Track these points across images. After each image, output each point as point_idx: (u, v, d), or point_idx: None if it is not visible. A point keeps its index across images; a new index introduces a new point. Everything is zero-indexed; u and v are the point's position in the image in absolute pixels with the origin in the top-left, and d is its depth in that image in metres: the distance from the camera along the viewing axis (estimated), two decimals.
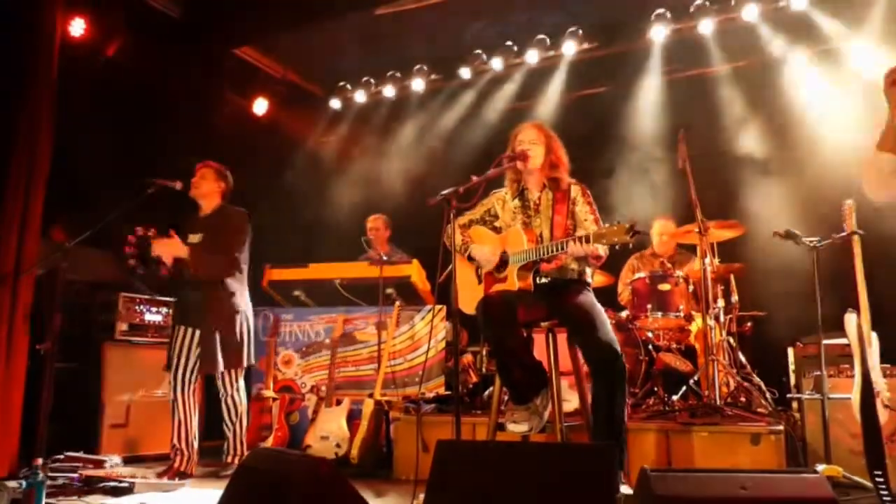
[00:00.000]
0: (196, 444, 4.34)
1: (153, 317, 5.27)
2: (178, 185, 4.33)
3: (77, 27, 5.39)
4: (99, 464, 4.24)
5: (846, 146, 4.94)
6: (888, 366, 3.90)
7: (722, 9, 5.63)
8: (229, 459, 4.39)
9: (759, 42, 5.72)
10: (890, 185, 2.62)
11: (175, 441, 4.26)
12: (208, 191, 4.44)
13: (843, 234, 3.79)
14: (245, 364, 4.38)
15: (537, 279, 3.39)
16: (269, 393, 5.11)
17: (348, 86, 7.10)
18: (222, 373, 4.29)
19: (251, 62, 6.77)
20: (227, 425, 4.41)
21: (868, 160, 2.68)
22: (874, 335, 3.64)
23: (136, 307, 5.21)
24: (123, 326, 5.11)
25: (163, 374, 4.49)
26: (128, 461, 4.66)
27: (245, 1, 5.78)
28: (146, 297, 5.27)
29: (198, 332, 4.23)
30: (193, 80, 6.15)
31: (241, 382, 4.43)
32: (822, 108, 5.48)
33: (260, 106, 6.88)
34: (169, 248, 4.17)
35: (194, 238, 4.33)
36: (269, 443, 4.85)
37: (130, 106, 5.81)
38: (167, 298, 5.15)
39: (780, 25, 5.63)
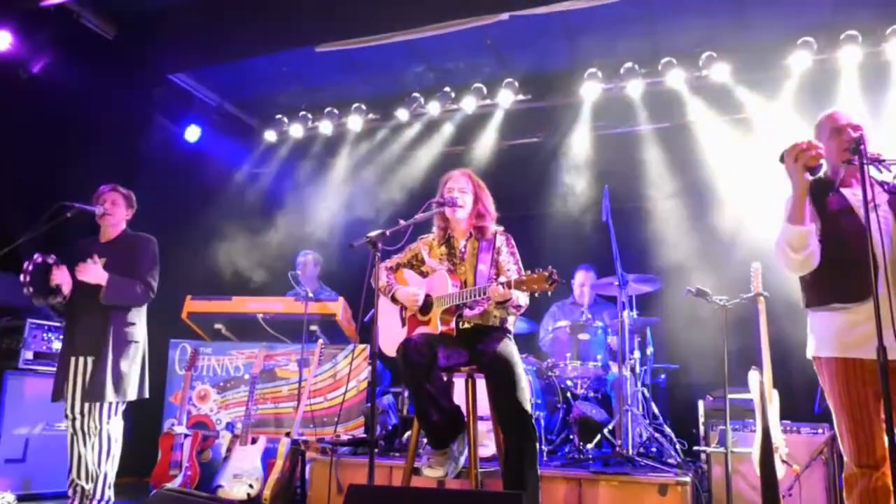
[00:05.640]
0: (105, 480, 4.03)
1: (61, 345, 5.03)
2: (99, 211, 4.21)
3: (1, 40, 5.22)
4: None
5: (757, 209, 5.23)
6: (788, 422, 4.10)
7: (649, 73, 5.94)
8: None
9: (682, 106, 6.04)
10: (801, 257, 2.63)
11: (73, 477, 4.01)
12: (119, 218, 4.28)
13: (750, 294, 4.00)
14: (129, 398, 4.07)
15: (460, 324, 3.44)
16: (181, 429, 4.93)
17: (285, 119, 7.06)
18: (101, 404, 3.99)
19: (186, 88, 6.67)
20: (93, 464, 3.98)
21: (780, 234, 2.67)
22: (775, 393, 3.83)
23: (44, 334, 4.99)
24: (28, 354, 4.89)
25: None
26: (22, 499, 4.41)
27: (183, 28, 5.70)
28: (56, 324, 5.05)
29: (90, 360, 4.01)
30: (123, 103, 6.00)
31: (119, 417, 4.11)
32: (737, 171, 5.79)
33: (192, 133, 6.75)
34: (89, 274, 3.98)
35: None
36: (177, 482, 4.68)
37: (53, 125, 5.61)
38: None
39: (702, 92, 5.96)
